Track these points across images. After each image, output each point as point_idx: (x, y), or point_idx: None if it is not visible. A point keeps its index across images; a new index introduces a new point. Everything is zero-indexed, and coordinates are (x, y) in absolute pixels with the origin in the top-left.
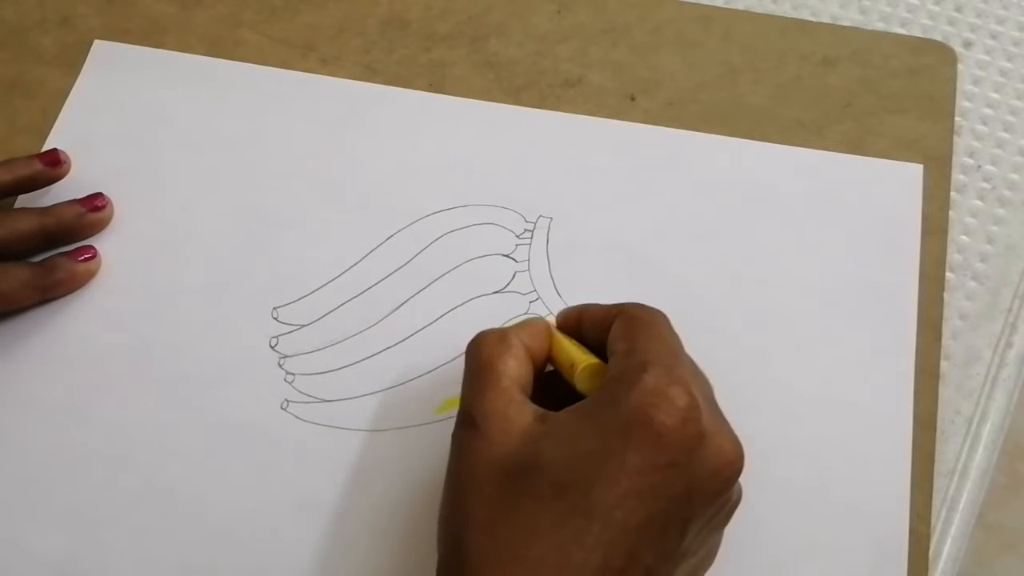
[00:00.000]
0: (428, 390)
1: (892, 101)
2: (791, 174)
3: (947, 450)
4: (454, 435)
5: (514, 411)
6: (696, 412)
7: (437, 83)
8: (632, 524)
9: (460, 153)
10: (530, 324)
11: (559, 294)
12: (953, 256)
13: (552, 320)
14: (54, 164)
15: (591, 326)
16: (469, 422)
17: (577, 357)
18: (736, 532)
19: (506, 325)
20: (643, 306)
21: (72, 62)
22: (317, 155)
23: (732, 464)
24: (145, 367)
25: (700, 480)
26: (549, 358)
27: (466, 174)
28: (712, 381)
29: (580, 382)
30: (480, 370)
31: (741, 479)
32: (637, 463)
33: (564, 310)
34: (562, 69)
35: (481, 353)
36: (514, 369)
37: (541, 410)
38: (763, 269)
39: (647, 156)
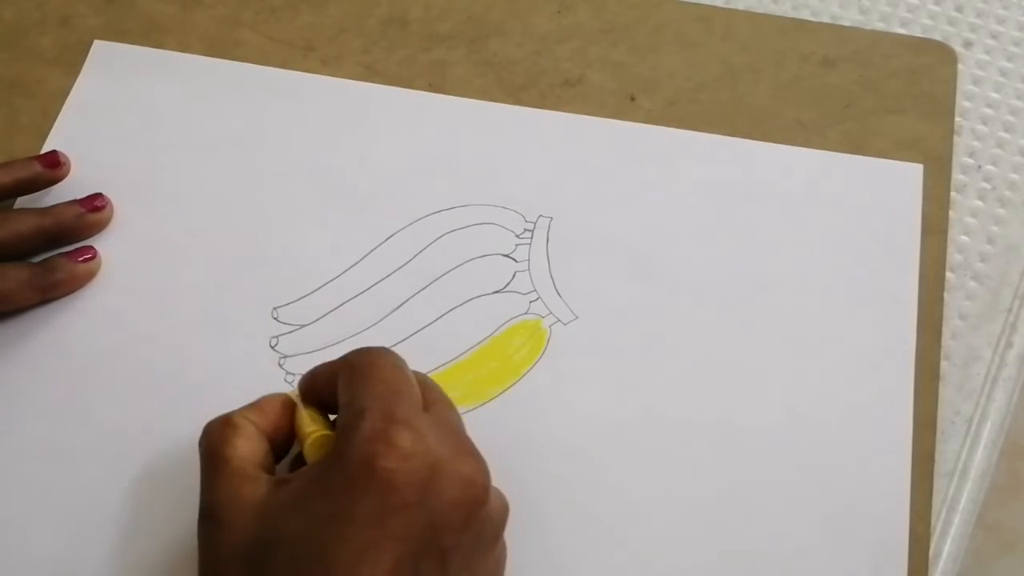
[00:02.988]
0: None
1: (892, 101)
2: (791, 174)
3: (947, 450)
4: (197, 531)
5: (248, 489)
6: (421, 446)
7: (437, 83)
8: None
9: (460, 153)
10: (263, 400)
11: (559, 294)
12: (953, 256)
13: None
14: (53, 166)
15: (324, 387)
16: (206, 514)
17: (307, 429)
18: (736, 532)
19: (245, 406)
20: (364, 350)
21: (72, 62)
22: (317, 155)
23: (474, 486)
24: (145, 367)
25: (441, 512)
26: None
27: (466, 174)
28: (712, 381)
29: (308, 456)
30: (208, 459)
31: (739, 478)
32: (368, 514)
33: (301, 378)
34: (562, 69)
35: (207, 442)
36: (243, 448)
37: (278, 477)
38: (763, 269)
39: (647, 156)
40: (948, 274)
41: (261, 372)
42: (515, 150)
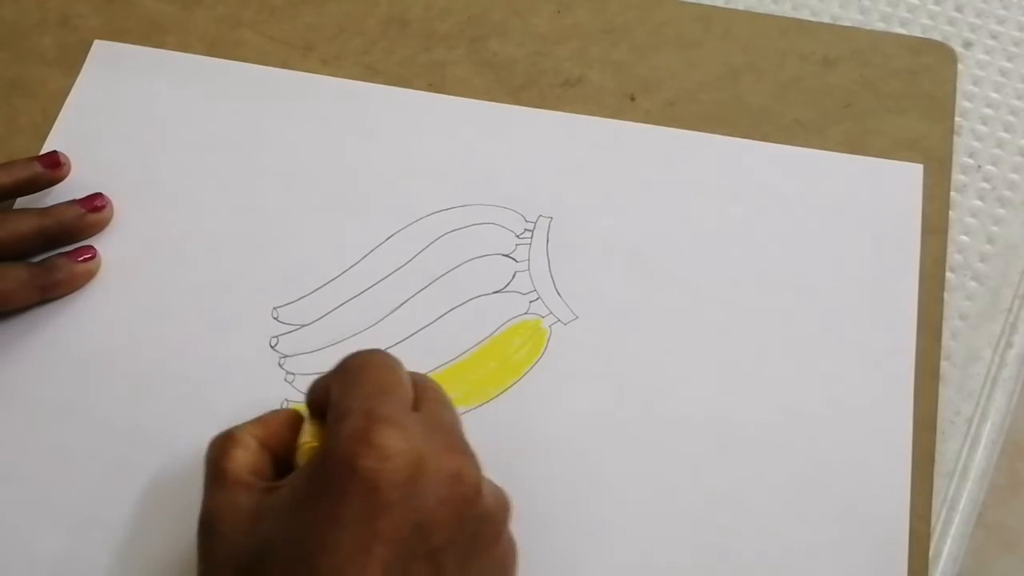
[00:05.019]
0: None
1: (892, 101)
2: (791, 174)
3: (947, 450)
4: (197, 543)
5: (243, 499)
6: (404, 444)
7: (437, 83)
8: None
9: (460, 153)
10: (266, 416)
11: (559, 294)
12: (953, 256)
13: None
14: (53, 166)
15: (323, 396)
16: (203, 525)
17: (300, 440)
18: (736, 532)
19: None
20: (357, 353)
21: (72, 62)
22: (317, 155)
23: (462, 483)
24: (145, 367)
25: (429, 512)
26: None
27: (466, 174)
28: (712, 381)
29: (299, 466)
30: (208, 472)
31: (739, 478)
32: (352, 517)
33: (307, 389)
34: (562, 69)
35: (209, 456)
36: (240, 459)
37: (269, 484)
38: (763, 269)
39: (647, 156)
40: (948, 274)
41: (261, 372)
42: (515, 150)
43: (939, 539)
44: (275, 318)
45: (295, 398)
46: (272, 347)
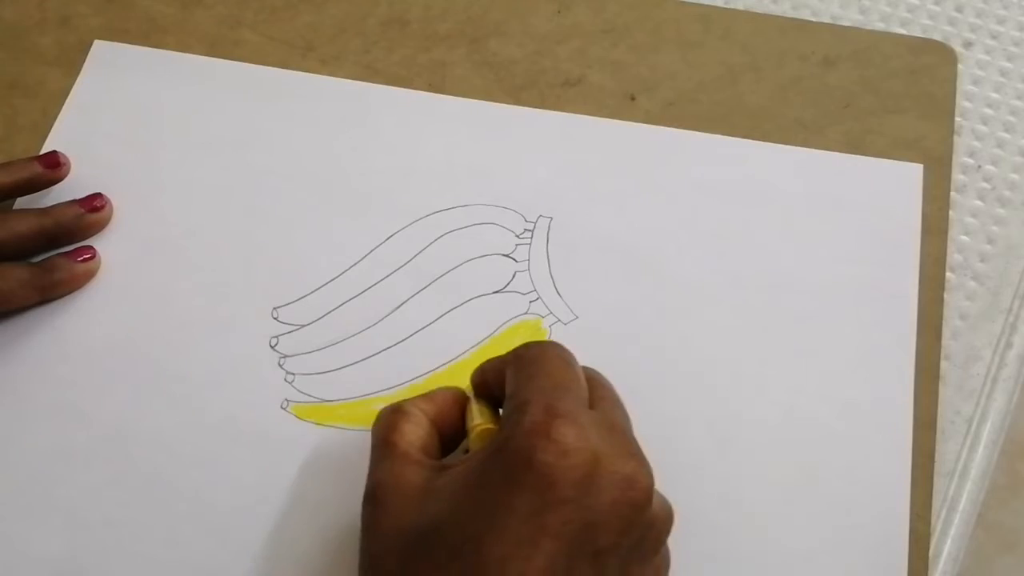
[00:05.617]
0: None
1: (892, 101)
2: (791, 174)
3: (947, 450)
4: (361, 512)
5: (411, 473)
6: (582, 443)
7: (437, 83)
8: (532, 571)
9: (460, 153)
10: (435, 392)
11: (559, 294)
12: (953, 256)
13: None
14: (53, 166)
15: (494, 380)
16: (369, 497)
17: (474, 422)
18: (736, 532)
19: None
20: (532, 343)
21: (72, 62)
22: (317, 155)
23: (634, 488)
24: (145, 367)
25: (600, 512)
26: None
27: (466, 174)
28: (712, 381)
29: (472, 448)
30: (377, 445)
31: (739, 478)
32: (524, 508)
33: (473, 371)
34: (562, 69)
35: (377, 429)
36: (411, 434)
37: (441, 463)
38: (763, 269)
39: (647, 156)
40: (948, 274)
41: (261, 372)
42: (515, 150)
43: (939, 539)
44: (275, 318)
45: (295, 398)
46: (272, 347)
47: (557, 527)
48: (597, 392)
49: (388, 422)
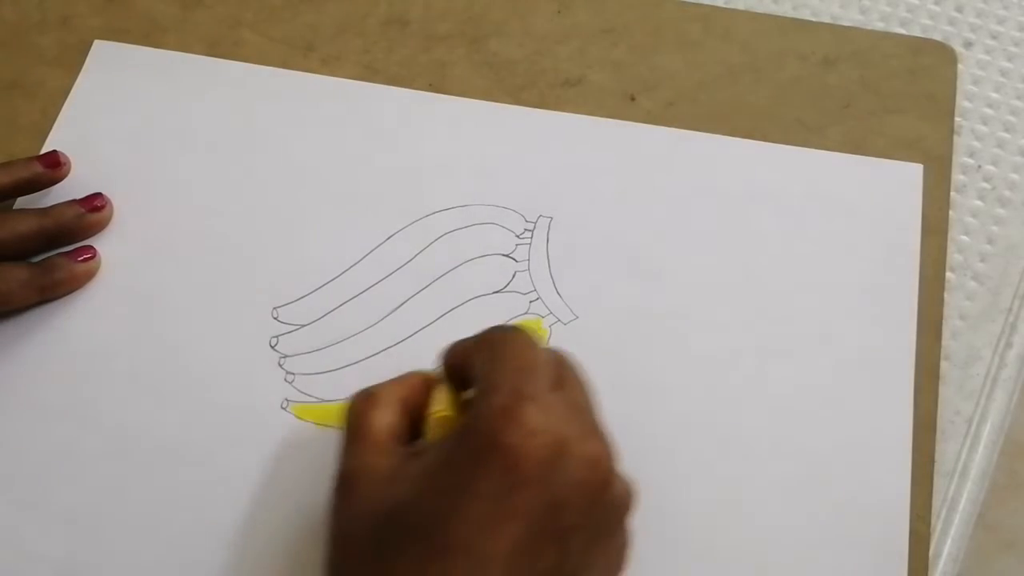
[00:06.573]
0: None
1: (892, 101)
2: (791, 174)
3: (947, 450)
4: (329, 498)
5: (381, 459)
6: (547, 424)
7: (437, 83)
8: (497, 552)
9: (460, 153)
10: (406, 376)
11: (559, 294)
12: (953, 256)
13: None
14: (54, 166)
15: (463, 363)
16: (339, 483)
17: (432, 408)
18: (736, 532)
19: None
20: (501, 326)
21: (72, 62)
22: (317, 155)
23: (598, 468)
24: (145, 367)
25: (565, 492)
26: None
27: (466, 174)
28: (711, 381)
29: (428, 435)
30: (349, 429)
31: (739, 478)
32: (489, 489)
33: (440, 353)
34: (562, 69)
35: (348, 415)
36: (381, 419)
37: (411, 449)
38: (763, 269)
39: (647, 156)
40: (948, 274)
41: (261, 372)
42: (515, 150)
43: (939, 539)
44: (275, 318)
45: (295, 398)
46: (272, 347)
47: (522, 508)
48: (563, 373)
49: (360, 409)
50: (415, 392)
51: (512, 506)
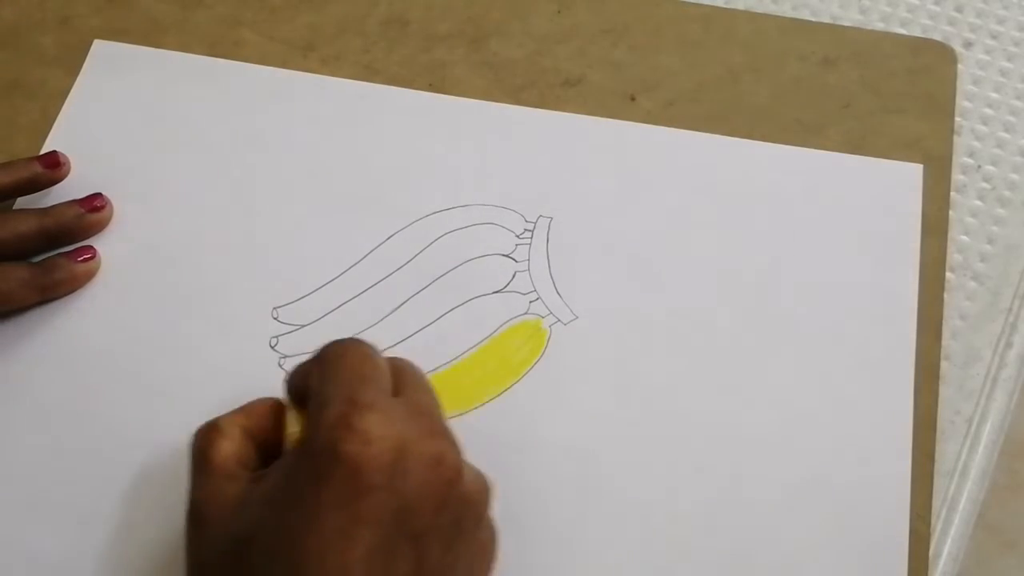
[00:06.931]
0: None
1: (892, 101)
2: (791, 174)
3: (947, 450)
4: (184, 531)
5: (229, 488)
6: (385, 429)
7: (437, 83)
8: (352, 560)
9: (460, 153)
10: (250, 405)
11: (559, 294)
12: (953, 256)
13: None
14: (53, 166)
15: (304, 383)
16: (190, 515)
17: (288, 430)
18: (736, 532)
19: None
20: (334, 342)
21: (72, 62)
22: (317, 155)
23: (442, 465)
24: (145, 367)
25: (411, 495)
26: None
27: (466, 174)
28: (712, 381)
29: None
30: (194, 461)
31: (739, 477)
32: (336, 500)
33: (286, 378)
34: (562, 69)
35: (194, 445)
36: (226, 448)
37: (258, 473)
38: (763, 269)
39: (647, 156)
40: (948, 274)
41: (261, 372)
42: (515, 150)
43: (939, 539)
44: (275, 318)
45: None
46: (272, 347)
47: (370, 515)
48: (402, 379)
49: (204, 439)
50: (259, 418)
51: (360, 513)
